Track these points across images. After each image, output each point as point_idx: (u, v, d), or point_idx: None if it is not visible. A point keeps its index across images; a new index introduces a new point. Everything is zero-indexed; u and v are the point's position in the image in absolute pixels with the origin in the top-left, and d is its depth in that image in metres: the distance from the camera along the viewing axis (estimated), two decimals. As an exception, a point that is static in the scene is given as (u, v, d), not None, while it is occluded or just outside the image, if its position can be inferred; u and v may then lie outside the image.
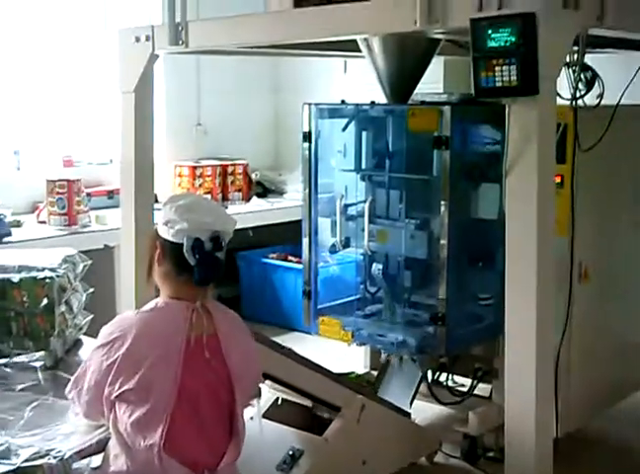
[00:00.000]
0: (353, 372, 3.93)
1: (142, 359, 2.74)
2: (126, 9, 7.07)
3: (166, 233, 2.86)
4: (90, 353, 2.93)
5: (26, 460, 2.45)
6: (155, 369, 2.74)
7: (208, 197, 3.31)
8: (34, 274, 3.70)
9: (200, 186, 7.14)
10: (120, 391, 2.75)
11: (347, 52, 4.74)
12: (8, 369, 3.44)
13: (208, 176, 7.20)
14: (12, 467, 2.40)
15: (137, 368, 2.73)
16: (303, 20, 3.84)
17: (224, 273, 2.97)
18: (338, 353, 4.82)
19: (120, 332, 2.79)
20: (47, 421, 2.93)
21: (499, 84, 3.03)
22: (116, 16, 6.92)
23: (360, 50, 4.38)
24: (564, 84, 3.78)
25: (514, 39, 2.97)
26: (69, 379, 2.98)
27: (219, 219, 2.92)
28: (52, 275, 3.72)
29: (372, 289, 4.52)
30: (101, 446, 2.88)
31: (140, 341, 2.76)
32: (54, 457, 2.50)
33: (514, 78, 2.99)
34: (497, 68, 3.02)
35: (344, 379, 4.06)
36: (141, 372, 2.72)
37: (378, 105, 4.44)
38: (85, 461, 2.89)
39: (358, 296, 4.60)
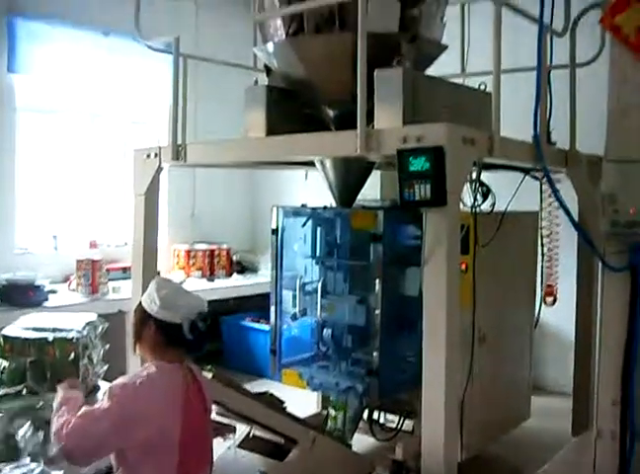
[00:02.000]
0: (266, 391, 3.89)
1: (149, 421, 2.64)
2: (142, 134, 7.19)
3: (164, 315, 2.81)
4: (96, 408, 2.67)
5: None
6: (163, 425, 2.67)
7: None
8: (64, 334, 3.72)
9: (193, 264, 7.17)
10: (132, 449, 2.66)
11: (307, 166, 4.81)
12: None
13: (200, 257, 7.23)
14: None
15: (148, 427, 2.63)
16: (273, 145, 3.91)
17: (209, 332, 2.99)
18: (299, 395, 4.82)
19: (126, 400, 2.64)
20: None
21: (418, 198, 3.09)
22: (134, 139, 7.03)
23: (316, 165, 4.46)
24: (467, 195, 3.88)
25: (428, 166, 3.04)
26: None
27: (201, 302, 2.93)
28: (78, 335, 3.74)
29: (323, 348, 4.48)
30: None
31: (145, 404, 2.66)
32: None
33: (428, 194, 3.05)
34: (416, 186, 3.07)
35: (299, 418, 4.05)
36: (151, 431, 2.63)
37: (329, 208, 4.49)
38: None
39: (312, 353, 4.58)
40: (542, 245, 4.66)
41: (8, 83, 6.16)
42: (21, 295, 5.48)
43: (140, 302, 2.90)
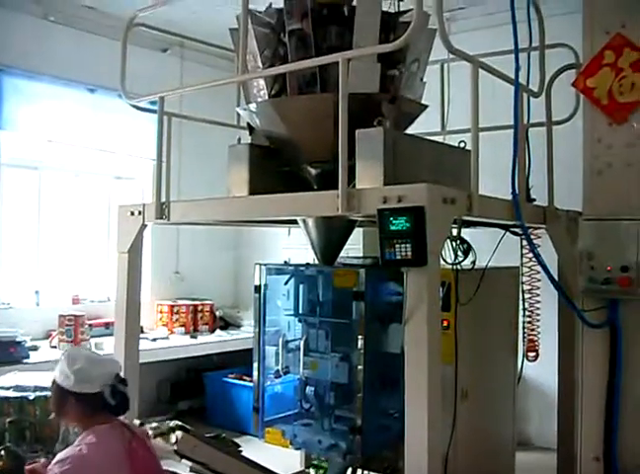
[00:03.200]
0: (219, 434, 3.86)
1: None
2: (126, 191, 7.24)
3: (81, 388, 2.86)
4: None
5: None
6: None
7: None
8: (45, 392, 3.70)
9: (177, 320, 7.15)
10: None
11: (289, 224, 4.84)
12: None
13: (183, 312, 7.22)
14: None
15: None
16: (255, 205, 3.93)
17: (191, 388, 3.05)
18: (282, 452, 4.77)
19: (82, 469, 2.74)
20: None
21: (398, 257, 3.11)
22: (118, 193, 7.07)
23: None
24: (448, 252, 3.93)
25: (408, 225, 3.07)
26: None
27: (115, 365, 3.02)
28: (59, 394, 3.71)
29: (306, 406, 4.43)
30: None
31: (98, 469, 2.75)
32: None
33: (409, 253, 3.07)
34: (397, 245, 3.10)
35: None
36: None
37: (312, 266, 4.52)
38: None
39: (295, 411, 4.54)
40: (523, 300, 4.69)
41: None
42: (2, 352, 5.45)
43: (54, 379, 2.92)
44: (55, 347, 6.03)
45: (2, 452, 3.50)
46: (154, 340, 6.65)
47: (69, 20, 6.69)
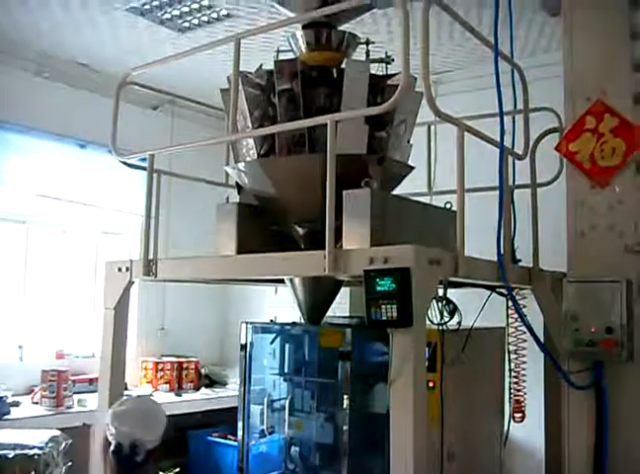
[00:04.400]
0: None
1: None
2: (114, 246, 7.27)
3: (107, 434, 2.91)
4: None
5: None
6: None
7: (150, 400, 3.32)
8: (25, 451, 3.68)
9: (161, 377, 7.10)
10: None
11: (276, 283, 4.86)
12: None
13: (168, 370, 7.18)
14: None
15: None
16: (243, 264, 3.94)
17: (175, 446, 3.01)
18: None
19: None
20: None
21: (384, 318, 3.11)
22: (105, 249, 7.09)
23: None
24: (434, 312, 3.95)
25: (394, 286, 3.08)
26: None
27: (141, 429, 2.92)
28: (40, 452, 3.71)
29: (291, 466, 4.42)
30: None
31: None
32: None
33: (394, 314, 3.08)
34: (383, 306, 3.10)
35: None
36: None
37: (298, 325, 4.52)
38: None
39: (280, 471, 4.51)
40: (509, 360, 4.70)
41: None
42: (-17, 408, 5.39)
43: None
44: (37, 403, 5.97)
45: (-20, 513, 3.47)
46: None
47: (62, 76, 6.79)
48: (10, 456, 3.63)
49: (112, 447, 2.85)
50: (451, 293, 4.16)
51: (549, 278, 4.41)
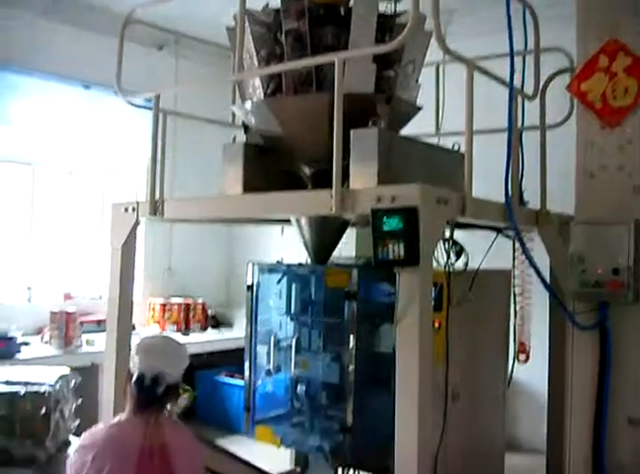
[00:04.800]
0: None
1: (104, 466, 2.76)
2: (120, 189, 7.25)
3: (129, 363, 2.98)
4: (71, 455, 2.95)
5: None
6: (114, 472, 2.76)
7: (174, 338, 3.38)
8: (36, 388, 3.70)
9: (169, 318, 7.15)
10: None
11: (282, 223, 4.86)
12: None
13: (175, 310, 7.22)
14: None
15: (100, 471, 2.75)
16: (249, 203, 3.94)
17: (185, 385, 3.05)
18: (271, 451, 4.79)
19: (89, 442, 2.85)
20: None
21: (391, 257, 3.11)
22: (111, 191, 7.07)
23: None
24: (440, 253, 3.94)
25: (401, 225, 3.08)
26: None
27: (165, 363, 2.98)
28: (50, 389, 3.73)
29: (297, 405, 4.44)
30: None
31: (103, 451, 2.79)
32: None
33: (401, 253, 3.08)
34: (389, 245, 3.10)
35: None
36: None
37: (304, 265, 4.52)
38: None
39: (286, 410, 4.53)
40: (515, 303, 4.72)
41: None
42: (-7, 347, 5.45)
43: None
44: (47, 343, 6.03)
45: (-8, 447, 3.52)
46: (146, 337, 6.65)
47: (66, 17, 6.69)
48: (21, 393, 3.66)
49: (134, 378, 2.91)
50: (458, 235, 4.16)
51: (556, 221, 4.39)
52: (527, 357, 4.92)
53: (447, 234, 3.94)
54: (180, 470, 2.90)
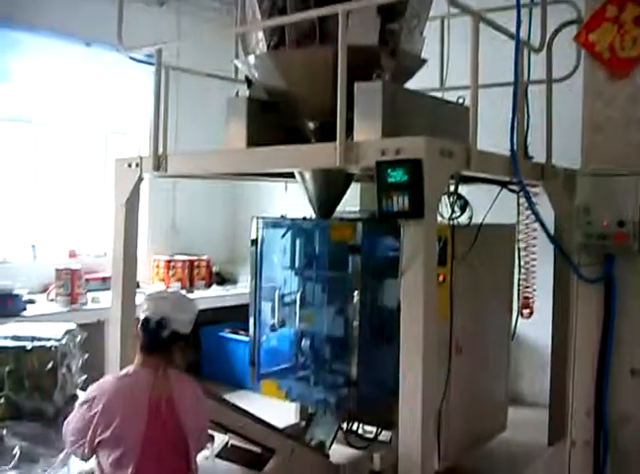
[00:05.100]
0: None
1: (114, 416, 2.79)
2: (122, 145, 7.21)
3: (139, 316, 2.99)
4: (76, 406, 2.96)
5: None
6: (124, 423, 2.79)
7: (184, 294, 3.40)
8: (43, 343, 3.73)
9: (173, 275, 7.16)
10: (99, 439, 2.79)
11: (286, 178, 4.84)
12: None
13: (180, 268, 7.22)
14: None
15: (110, 422, 2.78)
16: (253, 157, 3.94)
17: (190, 341, 3.07)
18: (276, 406, 4.84)
19: (99, 393, 2.86)
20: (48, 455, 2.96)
21: (396, 209, 3.12)
22: (114, 149, 7.03)
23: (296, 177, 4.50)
24: (444, 208, 3.93)
25: (406, 178, 3.08)
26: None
27: (172, 309, 2.99)
28: (57, 344, 3.75)
29: (302, 359, 4.48)
30: (89, 479, 2.90)
31: (113, 401, 2.82)
32: None
33: (406, 205, 3.09)
34: (394, 198, 3.10)
35: (278, 428, 4.06)
36: (114, 426, 2.77)
37: (308, 220, 4.52)
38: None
39: (291, 364, 4.58)
40: (519, 258, 4.71)
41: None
42: (-1, 305, 5.46)
43: None
44: (52, 300, 6.04)
45: (1, 401, 3.54)
46: (150, 295, 6.66)
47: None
48: (28, 348, 3.68)
49: (140, 323, 2.95)
50: (462, 191, 4.15)
51: (562, 175, 4.37)
52: (531, 312, 4.93)
53: (452, 188, 3.92)
54: (186, 422, 2.92)
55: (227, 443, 4.00)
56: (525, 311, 4.89)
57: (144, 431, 2.79)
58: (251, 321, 4.68)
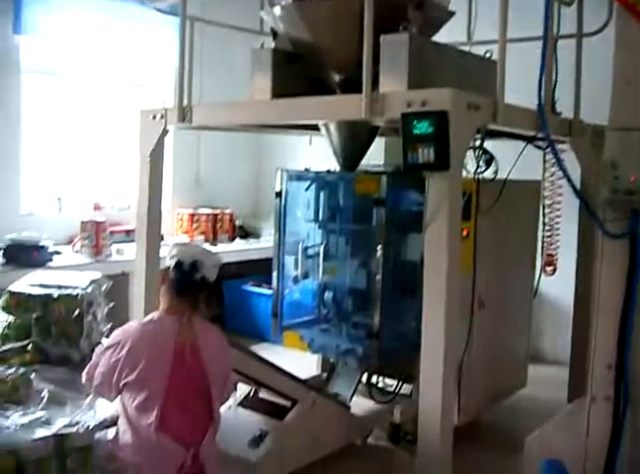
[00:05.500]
0: None
1: (140, 359, 2.86)
2: (146, 98, 7.21)
3: (167, 261, 3.04)
4: (101, 350, 3.06)
5: (61, 428, 2.48)
6: (149, 367, 2.86)
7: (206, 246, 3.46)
8: (69, 291, 3.78)
9: (197, 228, 7.20)
10: (124, 381, 2.87)
11: (311, 131, 4.83)
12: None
13: (203, 221, 7.25)
14: (50, 433, 2.43)
15: (136, 365, 2.85)
16: (278, 108, 3.92)
17: (213, 295, 3.11)
18: (298, 358, 4.89)
19: (124, 337, 2.94)
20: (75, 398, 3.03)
21: (421, 161, 3.11)
22: (138, 102, 7.02)
23: (320, 130, 4.48)
24: (470, 162, 3.91)
25: (432, 129, 3.06)
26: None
27: (202, 253, 3.11)
28: (83, 292, 3.80)
29: (324, 311, 4.53)
30: (114, 421, 2.96)
31: (139, 345, 2.90)
32: (83, 427, 2.54)
33: (432, 157, 3.07)
34: (420, 150, 3.09)
35: (300, 379, 4.12)
36: (139, 369, 2.85)
37: (333, 172, 4.52)
38: (102, 432, 2.97)
39: (314, 316, 4.64)
40: (544, 214, 4.69)
41: (14, 44, 6.15)
42: (25, 255, 5.52)
43: None
44: (78, 252, 6.11)
45: (29, 347, 3.61)
46: (174, 247, 6.70)
47: None
48: (55, 296, 3.74)
49: (172, 265, 3.00)
50: (487, 146, 4.11)
51: (590, 131, 4.32)
52: (554, 270, 4.91)
53: (478, 143, 3.89)
54: (210, 369, 2.98)
55: (250, 393, 4.07)
56: (549, 268, 4.86)
57: (169, 375, 2.85)
58: (274, 273, 4.71)
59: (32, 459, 2.30)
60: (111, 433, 2.98)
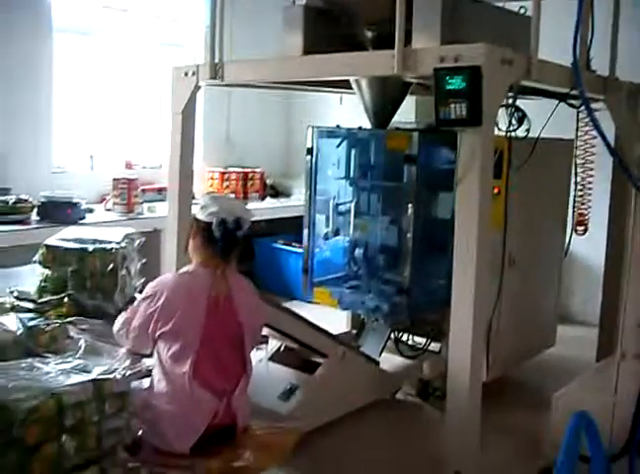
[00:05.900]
0: None
1: (175, 310, 2.90)
2: (179, 52, 7.21)
3: (201, 215, 3.03)
4: (137, 302, 3.11)
5: (99, 374, 2.55)
6: (184, 317, 2.90)
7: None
8: (104, 245, 3.82)
9: (227, 187, 7.22)
10: (159, 332, 2.92)
11: (342, 89, 4.82)
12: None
13: (234, 180, 7.26)
14: (89, 379, 2.50)
15: (171, 316, 2.89)
16: (309, 64, 3.91)
17: (243, 252, 3.14)
18: (328, 315, 4.94)
19: (160, 288, 2.97)
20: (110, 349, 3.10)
21: (453, 117, 3.09)
22: (171, 57, 7.03)
23: (352, 88, 4.47)
24: (502, 120, 3.88)
25: (465, 85, 3.04)
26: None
27: (241, 209, 3.11)
28: (117, 246, 3.84)
29: (355, 268, 4.56)
30: (149, 372, 3.02)
31: (174, 296, 2.93)
32: (119, 374, 2.60)
33: (464, 113, 3.06)
34: (452, 105, 3.07)
35: (330, 333, 4.17)
36: (174, 319, 2.89)
37: (364, 129, 4.52)
38: (137, 382, 3.04)
39: (344, 273, 4.68)
40: (576, 174, 4.65)
41: (46, 3, 6.16)
42: (59, 213, 5.57)
43: None
44: (110, 209, 6.18)
45: (66, 299, 3.68)
46: (205, 206, 6.74)
47: None
48: (90, 250, 3.79)
49: (215, 224, 2.97)
50: (523, 103, 4.08)
51: (625, 89, 4.27)
52: (586, 229, 4.89)
53: (510, 101, 3.86)
54: (244, 319, 3.03)
55: (280, 347, 4.14)
56: (580, 228, 4.84)
57: (204, 324, 2.90)
58: (305, 232, 4.74)
59: (72, 403, 2.37)
60: (146, 382, 3.05)
